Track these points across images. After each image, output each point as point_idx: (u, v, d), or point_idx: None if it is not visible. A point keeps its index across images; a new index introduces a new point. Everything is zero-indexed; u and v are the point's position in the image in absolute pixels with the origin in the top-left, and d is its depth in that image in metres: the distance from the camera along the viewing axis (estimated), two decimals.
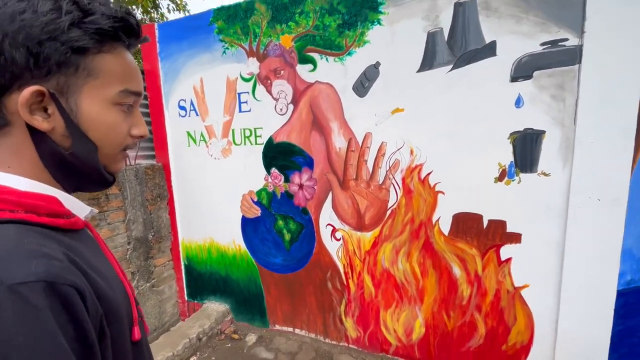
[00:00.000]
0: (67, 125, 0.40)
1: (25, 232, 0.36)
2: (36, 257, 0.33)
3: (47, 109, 0.39)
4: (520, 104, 1.51)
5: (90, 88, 0.41)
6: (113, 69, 0.42)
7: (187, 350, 2.08)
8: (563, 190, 1.50)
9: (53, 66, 0.38)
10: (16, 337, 0.29)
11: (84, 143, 0.42)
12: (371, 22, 1.70)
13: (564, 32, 1.40)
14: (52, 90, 0.38)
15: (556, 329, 1.60)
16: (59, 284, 0.33)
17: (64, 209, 0.42)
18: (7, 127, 0.39)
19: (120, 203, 2.13)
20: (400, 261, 1.87)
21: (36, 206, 0.39)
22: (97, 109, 0.42)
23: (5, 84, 0.37)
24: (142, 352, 0.50)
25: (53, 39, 0.37)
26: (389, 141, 1.77)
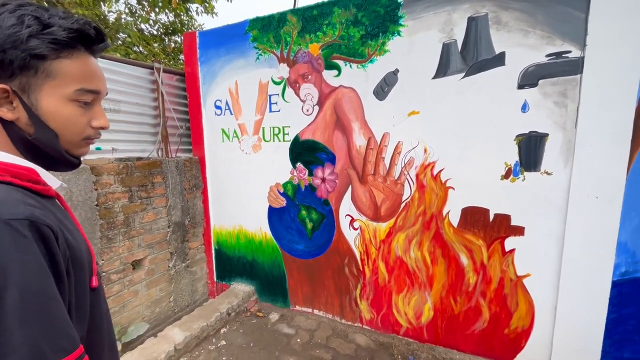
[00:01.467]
0: (30, 116, 0.49)
1: (13, 190, 0.46)
2: (22, 204, 0.44)
3: (12, 103, 0.49)
4: (526, 109, 1.67)
5: (49, 87, 0.49)
6: (70, 71, 0.50)
7: (218, 322, 2.34)
8: (564, 188, 1.65)
9: (16, 69, 0.47)
10: (12, 256, 0.39)
11: (44, 131, 0.51)
12: (391, 34, 1.90)
13: (567, 45, 1.55)
14: (14, 88, 0.48)
15: (555, 316, 1.75)
16: (39, 224, 0.44)
17: (40, 179, 0.53)
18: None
19: (163, 190, 2.42)
20: (412, 250, 2.05)
21: (19, 174, 0.49)
22: (55, 105, 0.50)
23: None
24: (99, 298, 0.60)
25: (14, 48, 0.46)
26: (405, 140, 1.97)
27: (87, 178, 1.91)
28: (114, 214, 2.07)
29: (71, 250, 0.49)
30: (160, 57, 6.67)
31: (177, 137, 2.68)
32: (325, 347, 2.15)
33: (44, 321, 0.41)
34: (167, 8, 5.99)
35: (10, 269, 0.39)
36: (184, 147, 2.76)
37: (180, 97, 2.71)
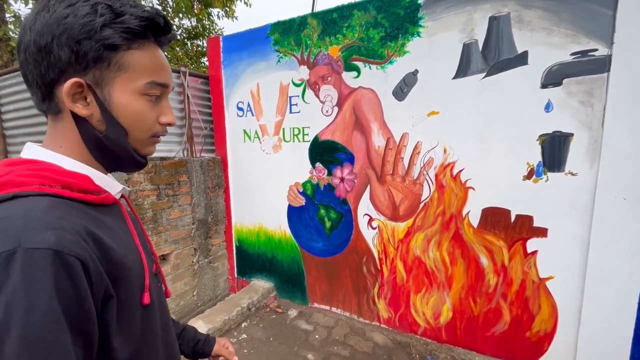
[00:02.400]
0: (102, 112, 0.47)
1: (56, 205, 0.42)
2: (52, 229, 0.38)
3: (86, 98, 0.46)
4: (549, 108, 1.64)
5: (121, 80, 0.47)
6: (141, 63, 0.48)
7: (239, 316, 2.42)
8: (589, 189, 1.61)
9: (90, 61, 0.44)
10: (20, 292, 0.34)
11: (115, 128, 0.49)
12: (411, 35, 1.91)
13: (593, 43, 1.52)
14: (89, 82, 0.45)
15: (579, 320, 1.71)
16: (65, 254, 0.37)
17: (95, 187, 0.48)
18: (59, 114, 0.47)
19: (188, 189, 2.53)
20: (431, 250, 2.06)
21: (70, 184, 0.45)
22: (127, 99, 0.48)
23: (55, 78, 0.45)
24: (152, 315, 0.54)
25: (88, 38, 0.43)
26: (424, 141, 1.97)
27: (119, 176, 2.03)
28: (144, 211, 2.19)
29: (116, 268, 0.44)
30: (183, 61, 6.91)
31: (202, 138, 2.80)
32: (343, 344, 2.18)
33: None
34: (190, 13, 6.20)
35: (17, 311, 0.34)
36: (208, 148, 2.87)
37: (204, 99, 2.82)
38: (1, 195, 0.41)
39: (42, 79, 0.45)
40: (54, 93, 0.46)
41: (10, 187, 0.42)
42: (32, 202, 0.41)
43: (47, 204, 0.41)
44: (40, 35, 0.43)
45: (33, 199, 0.41)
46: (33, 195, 0.41)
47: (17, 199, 0.41)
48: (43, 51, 0.43)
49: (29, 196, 0.41)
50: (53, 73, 0.44)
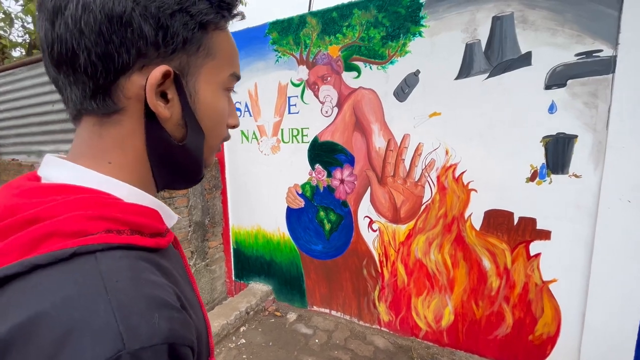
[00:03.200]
0: (185, 112, 0.35)
1: (137, 264, 0.30)
2: (157, 307, 0.27)
3: (166, 94, 0.34)
4: (553, 110, 1.62)
5: (208, 70, 0.36)
6: (225, 48, 0.38)
7: (238, 321, 2.38)
8: (594, 192, 1.59)
9: (179, 43, 0.33)
10: None
11: (197, 134, 0.37)
12: (413, 34, 1.88)
13: (598, 44, 1.50)
14: (176, 71, 0.33)
15: (583, 323, 1.69)
16: (179, 345, 0.27)
17: (164, 225, 0.36)
18: (116, 115, 0.33)
19: (185, 191, 2.48)
20: (432, 252, 2.03)
21: (142, 225, 0.33)
22: (211, 94, 0.37)
23: (129, 62, 0.31)
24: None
25: (184, 12, 0.32)
26: (426, 142, 1.95)
27: None
28: None
29: (198, 344, 0.33)
30: None
31: None
32: (343, 348, 2.15)
33: None
34: None
35: None
36: None
37: None
38: (51, 255, 0.26)
39: (107, 62, 0.31)
40: (117, 84, 0.32)
41: (60, 239, 0.27)
42: (107, 265, 0.27)
43: (127, 264, 0.29)
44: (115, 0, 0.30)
45: (104, 258, 0.28)
46: (101, 251, 0.28)
47: (79, 259, 0.27)
48: (118, 22, 0.30)
49: (95, 252, 0.28)
50: (127, 55, 0.31)
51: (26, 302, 0.24)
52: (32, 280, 0.25)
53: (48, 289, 0.25)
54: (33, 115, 2.73)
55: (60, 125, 2.53)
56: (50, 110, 2.57)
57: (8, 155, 3.13)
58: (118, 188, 0.34)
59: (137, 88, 0.32)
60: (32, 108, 2.72)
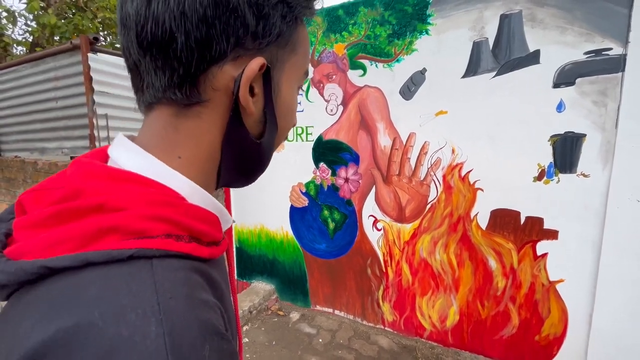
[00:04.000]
0: (267, 108, 0.34)
1: (190, 277, 0.28)
2: (209, 337, 0.25)
3: (253, 89, 0.32)
4: (561, 108, 1.61)
5: (291, 65, 0.35)
6: (306, 44, 0.36)
7: (241, 320, 2.37)
8: (602, 191, 1.58)
9: (275, 35, 0.31)
10: None
11: (273, 132, 0.35)
12: (419, 32, 1.87)
13: (608, 42, 1.49)
14: (269, 64, 0.32)
15: (590, 324, 1.68)
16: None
17: (221, 233, 0.34)
18: (197, 107, 0.31)
19: None
20: (437, 252, 2.02)
21: (202, 233, 0.30)
22: (291, 91, 0.36)
23: (226, 50, 0.29)
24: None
25: (284, 2, 0.31)
26: (432, 141, 1.93)
27: None
28: None
29: None
30: None
31: None
32: (347, 347, 2.14)
33: None
34: None
35: None
36: None
37: None
38: (107, 253, 0.25)
39: (204, 49, 0.29)
40: (207, 74, 0.30)
41: (120, 236, 0.26)
42: (163, 275, 0.25)
43: (183, 277, 0.27)
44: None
45: (161, 267, 0.26)
46: (158, 258, 0.26)
47: (136, 262, 0.25)
48: (224, 7, 0.28)
49: (152, 257, 0.26)
50: (226, 43, 0.29)
51: (76, 306, 0.23)
52: (84, 278, 0.24)
53: (100, 295, 0.23)
54: (36, 112, 2.72)
55: (63, 122, 2.52)
56: (54, 107, 2.56)
57: (11, 152, 3.12)
58: (183, 185, 0.31)
59: (228, 79, 0.31)
60: (36, 105, 2.71)
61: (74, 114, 2.48)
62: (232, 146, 0.34)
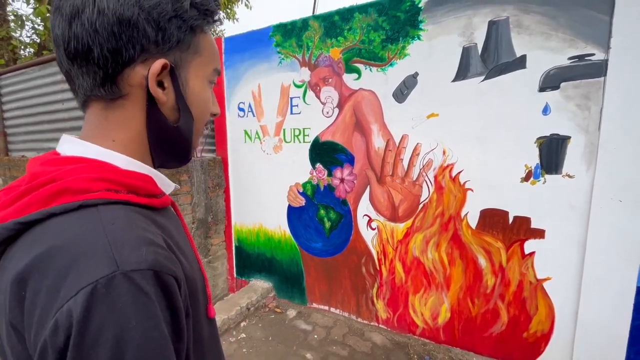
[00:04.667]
0: (178, 99, 0.43)
1: (131, 215, 0.37)
2: (145, 244, 0.34)
3: (163, 83, 0.41)
4: (547, 111, 1.67)
5: (196, 65, 0.44)
6: (209, 48, 0.45)
7: (239, 316, 2.43)
8: (586, 191, 1.64)
9: (174, 42, 0.40)
10: (130, 320, 0.30)
11: (187, 117, 0.44)
12: (411, 38, 1.94)
13: (590, 48, 1.55)
14: (172, 64, 0.41)
15: (576, 321, 1.73)
16: (163, 273, 0.33)
17: (158, 189, 0.43)
18: (120, 100, 0.40)
19: (189, 188, 2.54)
20: (429, 250, 2.07)
21: (137, 187, 0.40)
22: (199, 85, 0.45)
23: (134, 56, 0.38)
24: (215, 327, 0.51)
25: (178, 17, 0.40)
26: (424, 142, 2.00)
27: None
28: None
29: (189, 284, 0.39)
30: None
31: (202, 138, 2.81)
32: (341, 344, 2.19)
33: None
34: None
35: (129, 340, 0.30)
36: (209, 148, 2.89)
37: None
38: (63, 206, 0.34)
39: (115, 56, 0.38)
40: (122, 74, 0.39)
41: (70, 195, 0.35)
42: (106, 213, 0.35)
43: (122, 213, 0.36)
44: (125, 5, 0.37)
45: (104, 209, 0.35)
46: (102, 204, 0.36)
47: (84, 210, 0.35)
48: (126, 24, 0.37)
49: (97, 205, 0.35)
50: (133, 50, 0.38)
51: (45, 240, 0.33)
52: (49, 225, 0.34)
53: (61, 231, 0.33)
54: (43, 113, 2.81)
55: (69, 123, 2.61)
56: (60, 108, 2.65)
57: (18, 152, 3.22)
58: (117, 159, 0.41)
59: (140, 77, 0.40)
60: (43, 107, 2.80)
61: (80, 115, 2.57)
62: (154, 130, 0.43)
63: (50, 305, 0.29)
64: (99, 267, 0.30)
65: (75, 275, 0.30)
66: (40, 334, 0.29)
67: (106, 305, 0.30)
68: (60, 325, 0.29)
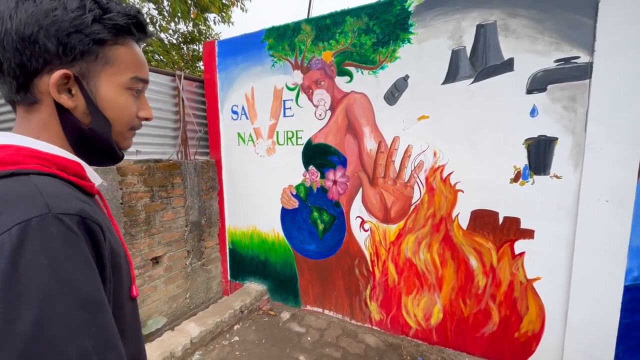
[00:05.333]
0: (88, 104, 0.47)
1: (60, 183, 0.43)
2: (74, 199, 0.40)
3: (71, 90, 0.46)
4: (534, 113, 1.69)
5: (107, 74, 0.48)
6: (125, 58, 0.49)
7: (232, 319, 2.42)
8: (574, 192, 1.66)
9: (77, 54, 0.45)
10: (61, 253, 0.35)
11: (100, 120, 0.49)
12: (402, 41, 1.96)
13: (576, 51, 1.58)
14: (76, 74, 0.45)
15: (566, 320, 1.74)
16: (90, 221, 0.40)
17: (85, 174, 0.49)
18: (36, 105, 0.46)
19: (182, 191, 2.54)
20: (421, 252, 2.09)
21: (65, 166, 0.46)
22: (112, 92, 0.49)
23: (38, 68, 0.44)
24: (137, 308, 0.55)
25: (79, 32, 0.44)
26: (415, 144, 2.01)
27: (113, 178, 2.04)
28: (137, 212, 2.19)
29: (113, 255, 0.45)
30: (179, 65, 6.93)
31: (196, 141, 2.81)
32: (335, 346, 2.19)
33: (94, 332, 0.36)
34: (186, 18, 6.25)
35: (62, 270, 0.34)
36: (202, 150, 2.89)
37: (199, 102, 2.84)
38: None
39: (22, 68, 0.44)
40: (33, 83, 0.45)
41: (4, 166, 0.40)
42: (38, 179, 0.40)
43: (54, 181, 0.41)
44: (25, 24, 0.42)
45: (36, 177, 0.40)
46: (34, 174, 0.40)
47: (18, 177, 0.39)
48: (27, 41, 0.42)
49: (29, 174, 0.40)
50: (37, 63, 0.44)
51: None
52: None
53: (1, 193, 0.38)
54: None
55: None
56: None
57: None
58: (45, 148, 0.46)
59: (46, 86, 0.45)
60: None
61: None
62: (71, 131, 0.49)
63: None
64: (32, 209, 0.36)
65: (8, 214, 0.35)
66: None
67: (39, 240, 0.34)
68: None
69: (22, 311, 0.32)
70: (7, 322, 0.32)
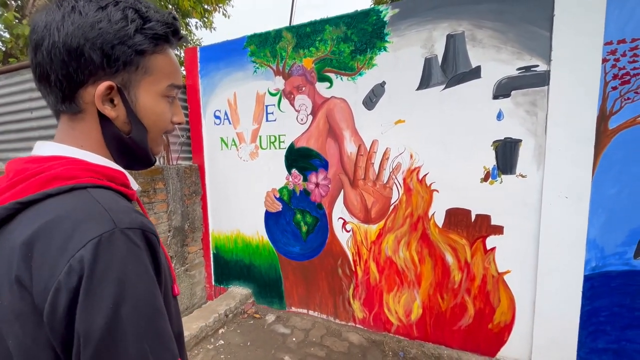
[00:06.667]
0: (128, 113, 0.49)
1: (115, 194, 0.45)
2: (133, 212, 0.43)
3: (113, 100, 0.47)
4: (500, 117, 1.82)
5: (146, 83, 0.49)
6: (163, 67, 0.51)
7: (217, 323, 2.42)
8: (537, 189, 1.79)
9: (120, 65, 0.46)
10: (127, 265, 0.38)
11: (139, 129, 0.51)
12: (378, 49, 2.06)
13: (535, 60, 1.72)
14: (119, 85, 0.47)
15: (534, 310, 1.86)
16: (148, 232, 0.42)
17: (129, 182, 0.51)
18: (80, 114, 0.48)
19: (164, 196, 2.53)
20: (401, 250, 2.17)
21: (114, 177, 0.48)
22: (151, 101, 0.50)
23: (83, 79, 0.45)
24: (178, 306, 0.57)
25: (122, 43, 0.45)
26: (393, 147, 2.11)
27: None
28: None
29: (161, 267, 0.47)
30: None
31: (178, 146, 2.81)
32: (319, 345, 2.23)
33: (153, 336, 0.40)
34: None
35: (128, 282, 0.38)
36: (185, 155, 2.89)
37: (181, 107, 2.85)
38: (57, 188, 0.41)
39: (69, 79, 0.45)
40: (78, 94, 0.46)
41: (61, 180, 0.42)
42: (96, 193, 0.42)
43: (110, 194, 0.44)
44: (72, 37, 0.43)
45: (93, 190, 0.42)
46: (91, 187, 0.43)
47: (77, 191, 0.42)
48: (74, 53, 0.44)
49: (86, 187, 0.42)
50: (82, 75, 0.45)
51: (46, 213, 0.39)
52: (47, 203, 0.40)
53: (60, 205, 0.40)
54: (10, 122, 2.73)
55: (38, 132, 2.55)
56: (29, 117, 2.58)
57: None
58: (92, 158, 0.48)
59: (92, 96, 0.46)
60: (10, 115, 2.72)
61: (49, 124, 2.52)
62: (111, 140, 0.50)
63: (61, 256, 0.36)
64: (101, 226, 0.38)
65: (81, 233, 0.38)
66: (54, 278, 0.36)
67: (109, 253, 0.38)
68: (73, 269, 0.36)
69: (97, 318, 0.36)
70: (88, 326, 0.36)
